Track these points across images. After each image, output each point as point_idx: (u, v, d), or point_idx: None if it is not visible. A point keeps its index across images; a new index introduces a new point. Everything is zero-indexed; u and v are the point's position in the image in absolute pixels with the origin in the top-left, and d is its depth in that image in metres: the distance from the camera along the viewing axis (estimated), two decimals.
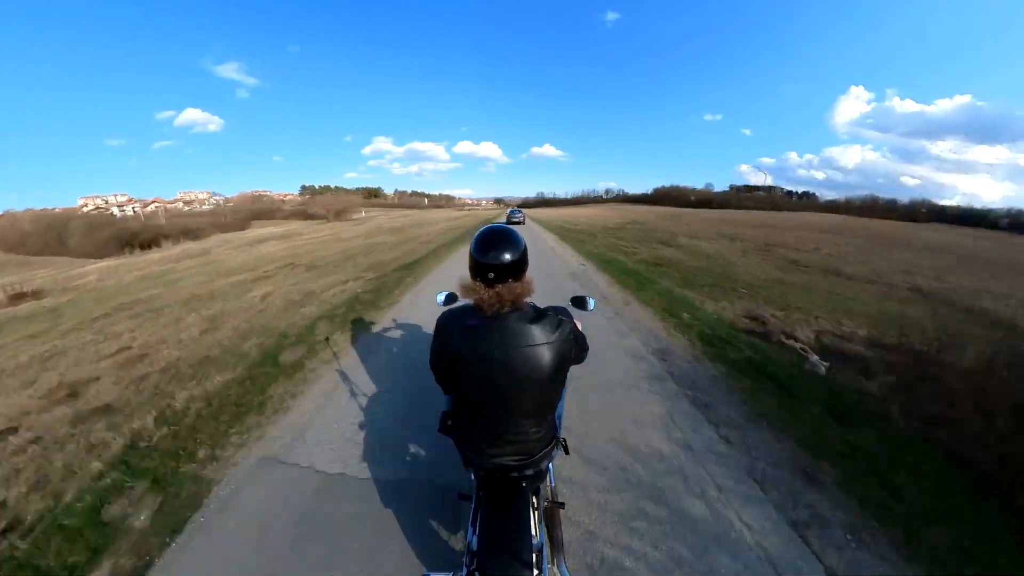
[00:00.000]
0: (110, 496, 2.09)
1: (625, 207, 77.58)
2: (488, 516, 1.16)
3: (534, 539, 1.13)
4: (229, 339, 4.30)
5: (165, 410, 2.85)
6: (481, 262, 1.13)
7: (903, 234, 24.45)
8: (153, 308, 6.42)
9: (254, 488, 2.14)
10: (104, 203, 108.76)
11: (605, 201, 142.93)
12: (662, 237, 15.87)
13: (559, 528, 1.43)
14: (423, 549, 1.74)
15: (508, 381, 1.10)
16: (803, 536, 1.81)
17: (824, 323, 4.93)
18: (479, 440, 1.23)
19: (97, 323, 5.88)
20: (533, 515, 1.21)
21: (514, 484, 1.22)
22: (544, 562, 1.16)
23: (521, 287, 1.14)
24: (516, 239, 1.18)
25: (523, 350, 1.09)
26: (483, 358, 1.10)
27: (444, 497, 1.96)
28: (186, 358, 3.81)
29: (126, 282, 11.03)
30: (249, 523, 1.91)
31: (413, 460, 2.34)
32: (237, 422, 2.73)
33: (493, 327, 1.11)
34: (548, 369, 1.12)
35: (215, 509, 2.01)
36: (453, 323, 1.18)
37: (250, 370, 3.51)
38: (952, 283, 8.93)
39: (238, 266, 11.67)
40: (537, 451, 1.22)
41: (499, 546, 1.07)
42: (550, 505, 1.43)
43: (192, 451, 2.42)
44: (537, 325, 1.12)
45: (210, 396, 3.03)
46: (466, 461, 1.29)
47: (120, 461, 2.35)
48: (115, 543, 1.83)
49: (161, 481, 2.19)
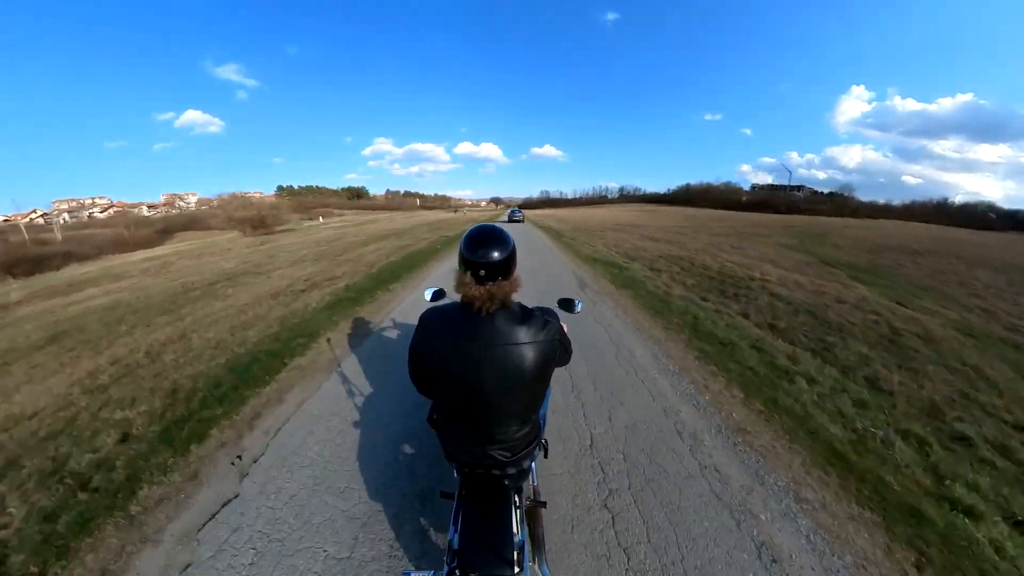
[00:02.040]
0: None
1: (645, 208, 70.68)
2: (470, 514, 1.17)
3: (516, 537, 1.14)
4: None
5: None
6: (471, 260, 1.12)
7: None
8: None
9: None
10: (79, 205, 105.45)
11: (618, 201, 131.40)
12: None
13: (541, 527, 1.45)
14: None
15: (493, 379, 1.10)
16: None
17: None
18: (462, 438, 1.23)
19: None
20: (515, 513, 1.22)
21: (496, 482, 1.23)
22: (525, 560, 1.17)
23: (510, 285, 1.15)
24: (505, 237, 1.17)
25: (508, 348, 1.09)
26: (469, 356, 1.10)
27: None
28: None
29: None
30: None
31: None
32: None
33: (480, 325, 1.11)
34: (532, 369, 1.12)
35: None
36: (438, 321, 1.18)
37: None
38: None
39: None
40: (520, 450, 1.23)
41: (481, 544, 1.07)
42: (532, 504, 1.43)
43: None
44: (524, 325, 1.12)
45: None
46: (448, 455, 1.30)
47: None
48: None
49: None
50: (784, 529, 1.84)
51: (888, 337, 4.60)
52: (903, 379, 3.45)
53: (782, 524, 1.87)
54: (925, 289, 8.20)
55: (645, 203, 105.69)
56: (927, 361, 3.94)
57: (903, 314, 5.73)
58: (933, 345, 4.42)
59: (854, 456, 2.38)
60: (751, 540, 1.77)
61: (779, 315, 5.21)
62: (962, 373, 3.71)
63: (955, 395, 3.24)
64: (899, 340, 4.50)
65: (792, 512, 1.95)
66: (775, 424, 2.69)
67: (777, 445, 2.47)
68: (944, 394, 3.23)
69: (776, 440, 2.52)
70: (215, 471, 2.29)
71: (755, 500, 2.00)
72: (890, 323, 5.11)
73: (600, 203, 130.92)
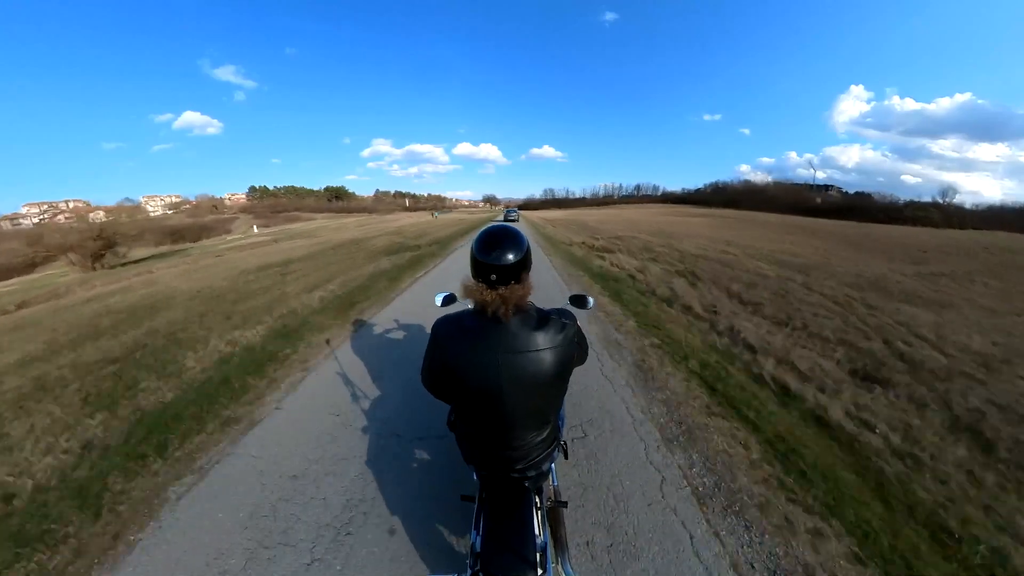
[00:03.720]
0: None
1: (675, 210, 58.14)
2: (491, 517, 1.16)
3: (538, 539, 1.13)
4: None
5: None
6: (484, 263, 1.09)
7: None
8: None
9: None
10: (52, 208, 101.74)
11: (635, 201, 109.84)
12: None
13: (563, 527, 1.44)
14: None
15: (511, 387, 1.07)
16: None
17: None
18: (481, 442, 1.22)
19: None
20: (536, 515, 1.21)
21: (516, 485, 1.21)
22: (548, 562, 1.17)
23: (523, 289, 1.11)
24: (519, 239, 1.13)
25: (527, 355, 1.06)
26: (486, 365, 1.07)
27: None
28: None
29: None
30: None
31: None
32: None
33: (495, 332, 1.07)
34: (552, 374, 1.10)
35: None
36: (452, 329, 1.14)
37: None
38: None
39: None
40: (539, 454, 1.21)
41: (503, 547, 1.06)
42: (553, 505, 1.42)
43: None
44: (541, 331, 1.09)
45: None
46: (467, 458, 1.28)
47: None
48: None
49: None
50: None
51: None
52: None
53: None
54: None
55: (668, 203, 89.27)
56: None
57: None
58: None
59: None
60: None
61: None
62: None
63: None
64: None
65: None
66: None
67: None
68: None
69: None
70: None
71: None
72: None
73: (613, 203, 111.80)
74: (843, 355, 4.28)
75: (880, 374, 3.85)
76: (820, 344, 4.61)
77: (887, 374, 3.85)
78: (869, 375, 3.85)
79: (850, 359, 4.19)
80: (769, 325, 5.15)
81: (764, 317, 5.51)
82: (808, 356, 4.16)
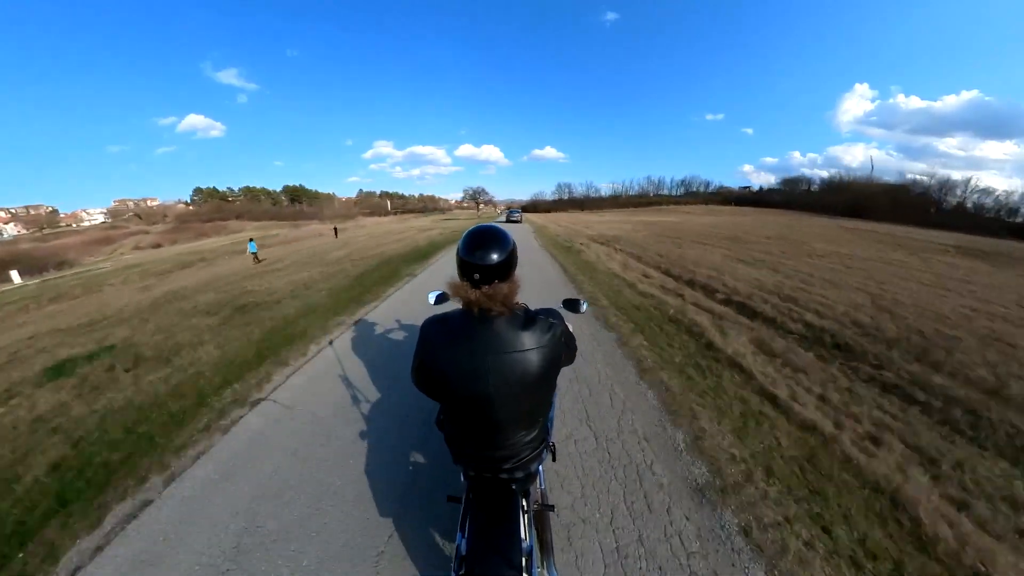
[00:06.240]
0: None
1: (770, 217, 39.70)
2: (477, 519, 1.15)
3: (524, 542, 1.12)
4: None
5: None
6: (467, 262, 1.09)
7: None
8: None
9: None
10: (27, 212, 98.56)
11: (683, 201, 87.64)
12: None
13: (549, 531, 1.43)
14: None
15: (498, 387, 1.07)
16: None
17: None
18: (469, 443, 1.21)
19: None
20: (523, 518, 1.20)
21: (504, 487, 1.21)
22: (533, 565, 1.16)
23: (509, 287, 1.10)
24: (504, 238, 1.13)
25: (513, 356, 1.06)
26: (472, 365, 1.07)
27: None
28: None
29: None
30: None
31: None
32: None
33: (482, 331, 1.07)
34: (538, 374, 1.09)
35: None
36: (438, 329, 1.14)
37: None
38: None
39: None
40: (527, 455, 1.20)
41: (488, 549, 1.06)
42: (540, 508, 1.41)
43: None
44: (528, 331, 1.09)
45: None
46: (456, 458, 1.27)
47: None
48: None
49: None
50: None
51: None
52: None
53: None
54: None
55: (733, 204, 71.13)
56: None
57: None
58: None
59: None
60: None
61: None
62: None
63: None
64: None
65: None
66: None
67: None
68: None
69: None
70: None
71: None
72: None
73: (650, 203, 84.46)
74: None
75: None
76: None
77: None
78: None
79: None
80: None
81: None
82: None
